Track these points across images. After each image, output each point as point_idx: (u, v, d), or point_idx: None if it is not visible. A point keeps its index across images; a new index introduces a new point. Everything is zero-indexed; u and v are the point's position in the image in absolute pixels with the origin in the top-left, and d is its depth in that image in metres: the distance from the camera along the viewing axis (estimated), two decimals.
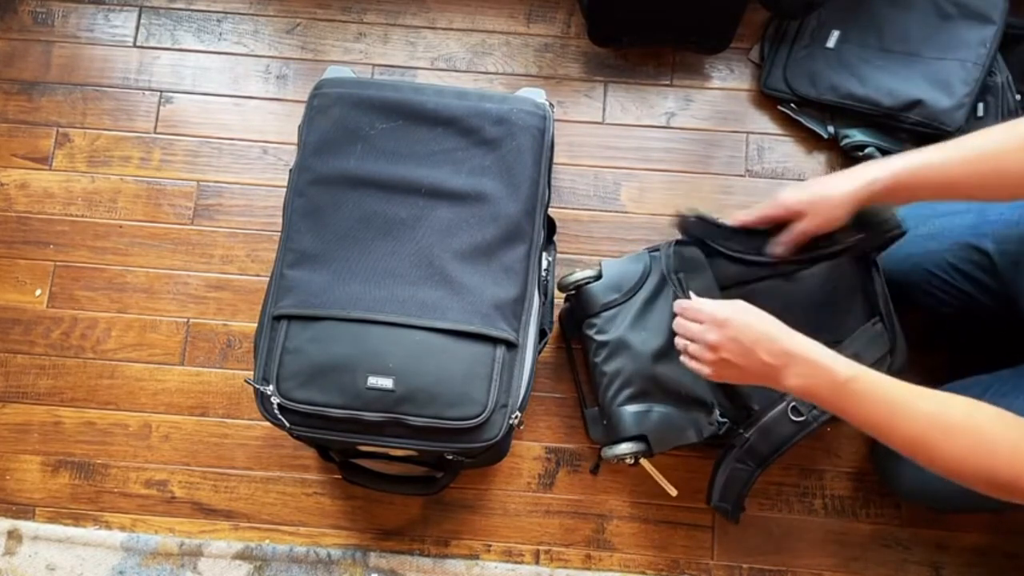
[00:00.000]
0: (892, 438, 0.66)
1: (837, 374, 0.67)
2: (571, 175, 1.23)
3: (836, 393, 0.67)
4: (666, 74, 1.27)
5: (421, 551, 1.10)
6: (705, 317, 0.75)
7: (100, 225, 1.21)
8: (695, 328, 0.76)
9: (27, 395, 1.16)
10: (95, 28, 1.29)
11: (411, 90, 0.93)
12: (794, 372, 0.69)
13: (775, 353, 0.70)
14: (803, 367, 0.69)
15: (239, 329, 1.17)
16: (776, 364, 0.70)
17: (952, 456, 0.64)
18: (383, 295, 0.85)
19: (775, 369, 0.70)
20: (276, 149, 1.24)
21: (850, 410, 0.68)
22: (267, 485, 1.12)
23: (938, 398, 0.66)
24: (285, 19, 1.29)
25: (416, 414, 0.82)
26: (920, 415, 0.65)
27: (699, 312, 0.76)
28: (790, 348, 0.70)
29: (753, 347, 0.71)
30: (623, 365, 1.00)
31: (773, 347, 0.70)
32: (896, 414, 0.65)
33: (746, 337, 0.71)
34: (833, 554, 1.10)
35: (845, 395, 0.67)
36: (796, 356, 0.69)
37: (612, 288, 1.03)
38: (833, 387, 0.67)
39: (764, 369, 0.71)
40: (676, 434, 0.97)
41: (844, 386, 0.67)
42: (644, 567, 1.10)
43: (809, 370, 0.69)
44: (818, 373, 0.68)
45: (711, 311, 0.74)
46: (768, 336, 0.71)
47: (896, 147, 1.18)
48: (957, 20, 1.16)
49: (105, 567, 1.09)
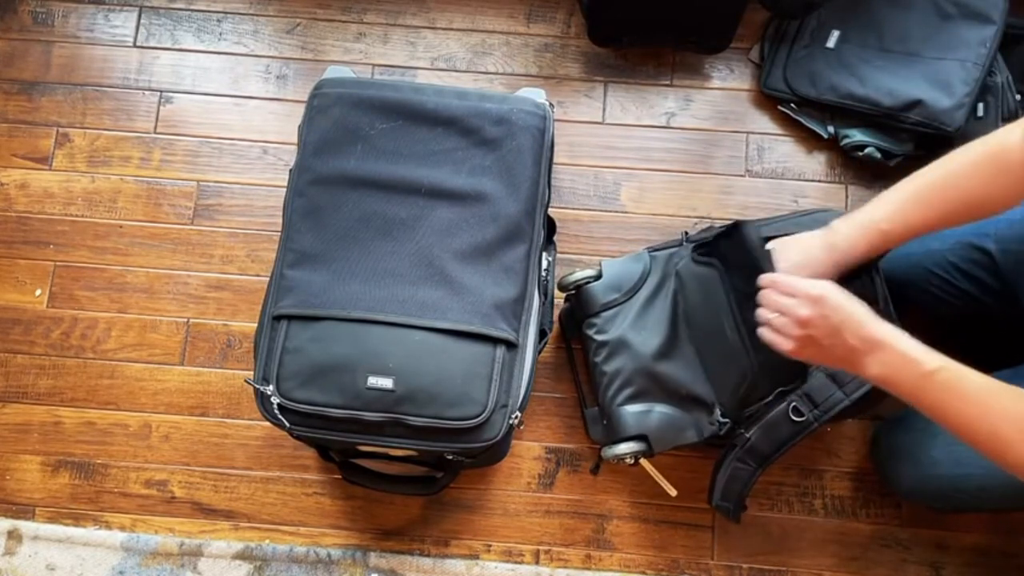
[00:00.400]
0: (968, 433, 0.66)
1: (923, 365, 0.66)
2: (571, 175, 1.23)
3: (918, 385, 0.67)
4: (666, 74, 1.27)
5: (421, 551, 1.10)
6: (799, 292, 0.73)
7: (100, 225, 1.21)
8: (787, 302, 0.74)
9: (27, 395, 1.16)
10: (95, 28, 1.29)
11: (411, 90, 0.93)
12: (878, 359, 0.69)
13: (863, 338, 0.69)
14: (889, 355, 0.68)
15: (239, 329, 1.17)
16: (862, 348, 0.69)
17: None
18: (383, 295, 0.85)
19: (859, 353, 0.70)
20: (276, 149, 1.24)
21: (929, 402, 0.67)
22: (267, 485, 1.12)
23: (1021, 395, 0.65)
24: (285, 19, 1.29)
25: (416, 414, 0.82)
26: (1000, 413, 0.64)
27: (792, 286, 0.74)
28: (879, 335, 0.69)
29: (841, 327, 0.70)
30: (623, 365, 1.00)
31: (862, 331, 0.69)
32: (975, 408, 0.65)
33: (837, 316, 0.70)
34: (833, 554, 1.10)
35: (927, 387, 0.67)
36: (884, 344, 0.68)
37: (612, 288, 1.03)
38: (917, 378, 0.67)
39: (847, 352, 0.71)
40: (676, 434, 0.97)
41: (928, 378, 0.66)
42: (644, 567, 1.10)
43: (895, 359, 0.68)
44: (904, 363, 0.68)
45: (806, 286, 0.73)
46: (859, 319, 0.70)
47: (896, 147, 1.18)
48: (957, 20, 1.16)
49: (105, 567, 1.09)
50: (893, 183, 1.20)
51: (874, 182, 1.22)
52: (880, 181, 1.22)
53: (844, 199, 1.22)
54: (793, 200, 1.22)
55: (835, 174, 1.23)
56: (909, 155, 1.18)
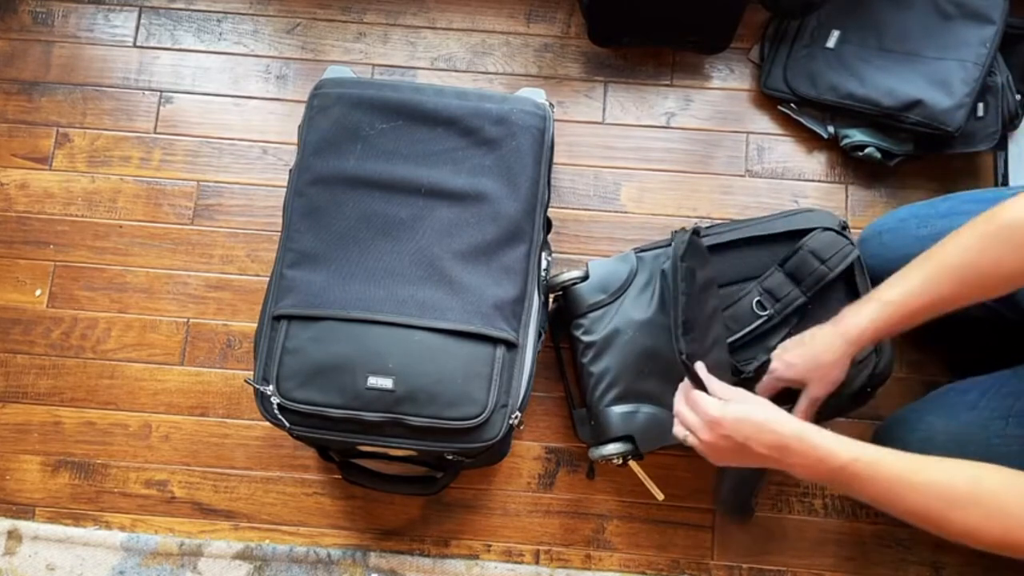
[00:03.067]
0: (901, 514, 0.67)
1: (833, 460, 0.67)
2: (571, 175, 1.23)
3: (836, 478, 0.68)
4: (666, 74, 1.27)
5: (421, 551, 1.10)
6: (700, 411, 0.74)
7: (100, 225, 1.21)
8: (691, 420, 0.76)
9: (27, 395, 1.16)
10: (95, 28, 1.29)
11: (411, 90, 0.93)
12: (793, 461, 0.70)
13: (770, 445, 0.70)
14: (799, 457, 0.69)
15: (239, 329, 1.17)
16: (773, 456, 0.70)
17: (965, 526, 0.63)
18: (383, 295, 0.85)
19: (773, 459, 0.71)
20: (276, 149, 1.24)
21: (854, 492, 0.68)
22: (267, 485, 1.12)
23: (942, 468, 0.66)
24: (285, 19, 1.29)
25: (416, 414, 0.82)
26: (923, 490, 0.65)
27: (695, 403, 0.75)
28: (784, 440, 0.69)
29: (746, 443, 0.71)
30: (610, 365, 1.00)
31: (767, 440, 0.70)
32: (899, 492, 0.66)
33: (738, 435, 0.71)
34: (833, 554, 1.10)
35: (845, 479, 0.67)
36: (791, 447, 0.69)
37: (599, 289, 1.03)
38: (831, 473, 0.68)
39: (762, 460, 0.72)
40: (663, 434, 0.97)
41: (842, 471, 0.67)
42: (644, 567, 1.10)
43: (805, 459, 0.69)
44: (816, 461, 0.68)
45: (704, 409, 0.74)
46: (761, 430, 0.70)
47: (896, 147, 1.17)
48: (957, 20, 1.16)
49: (105, 567, 1.09)
50: (893, 183, 1.22)
51: (874, 182, 1.22)
52: (880, 181, 1.22)
53: (844, 199, 1.22)
54: (793, 200, 1.22)
55: (835, 174, 1.23)
56: (909, 155, 1.18)
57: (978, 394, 0.90)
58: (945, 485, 0.65)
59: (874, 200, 1.22)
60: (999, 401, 0.87)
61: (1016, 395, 0.87)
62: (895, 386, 1.12)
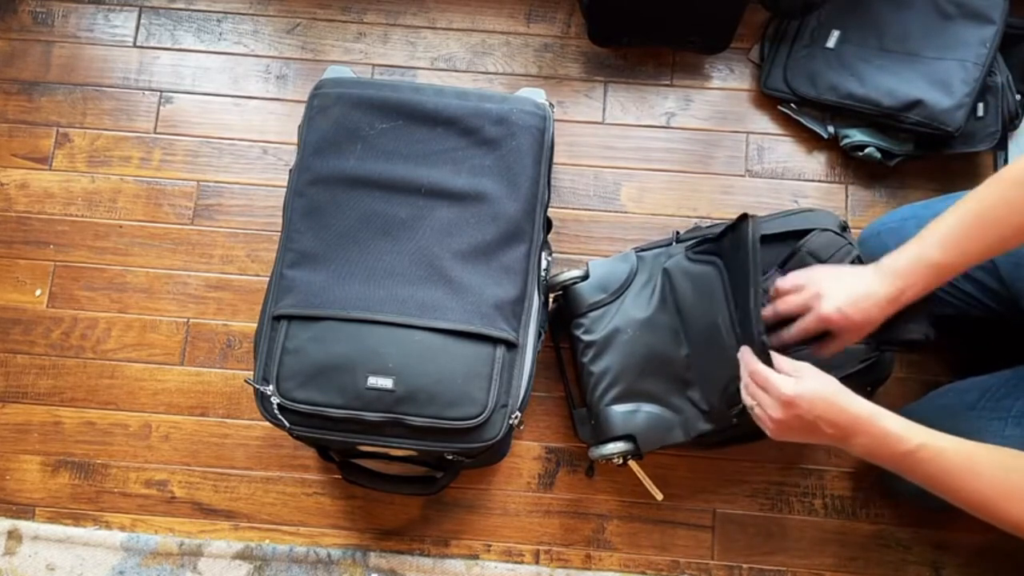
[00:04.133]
0: (958, 502, 0.69)
1: (900, 445, 0.69)
2: (571, 175, 1.23)
3: (899, 462, 0.70)
4: (666, 74, 1.27)
5: (421, 551, 1.10)
6: (772, 390, 0.75)
7: (100, 225, 1.21)
8: (762, 397, 0.76)
9: (27, 395, 1.16)
10: (95, 28, 1.29)
11: (411, 90, 0.93)
12: (858, 442, 0.71)
13: (840, 425, 0.71)
14: (867, 438, 0.71)
15: (239, 329, 1.17)
16: (840, 435, 0.72)
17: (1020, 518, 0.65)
18: (383, 295, 0.85)
19: (838, 439, 0.72)
20: (276, 149, 1.24)
21: (914, 477, 0.70)
22: (267, 485, 1.12)
23: (1003, 460, 0.67)
24: (285, 19, 1.29)
25: (416, 414, 0.82)
26: (984, 482, 0.67)
27: (767, 382, 0.76)
28: (853, 421, 0.71)
29: (816, 422, 0.72)
30: (610, 365, 1.00)
31: (839, 419, 0.71)
32: (959, 482, 0.68)
33: (810, 415, 0.72)
34: (833, 554, 1.10)
35: (909, 464, 0.69)
36: (859, 428, 0.71)
37: (599, 288, 1.03)
38: (895, 456, 0.69)
39: (827, 439, 0.73)
40: (663, 434, 0.97)
41: (908, 456, 0.69)
42: (644, 567, 1.10)
43: (873, 441, 0.70)
44: (882, 444, 0.70)
45: (778, 386, 0.74)
46: (831, 409, 0.72)
47: (896, 147, 1.18)
48: (957, 20, 1.16)
49: (105, 567, 1.09)
50: (893, 183, 1.22)
51: (874, 182, 1.22)
52: (880, 181, 1.22)
53: (844, 199, 1.22)
54: (793, 200, 1.22)
55: (835, 174, 1.23)
56: (909, 155, 1.18)
57: (978, 394, 0.90)
58: (1004, 480, 0.66)
59: (874, 200, 1.22)
60: (999, 401, 0.88)
61: (1016, 395, 0.87)
62: (895, 386, 1.12)
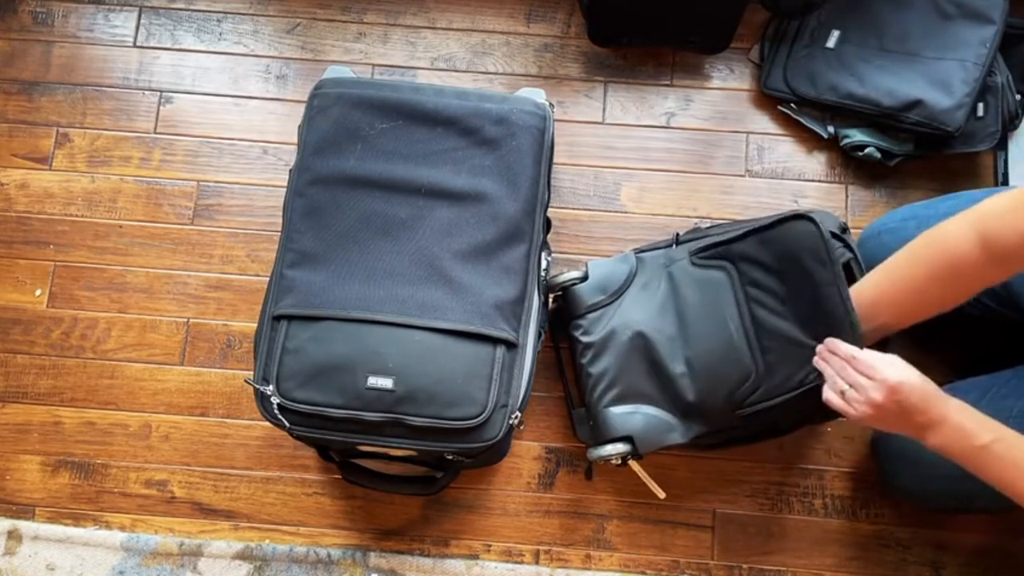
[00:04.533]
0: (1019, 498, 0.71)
1: (976, 439, 0.71)
2: (571, 175, 1.23)
3: (972, 456, 0.72)
4: (666, 74, 1.27)
5: (421, 551, 1.10)
6: (878, 376, 0.75)
7: (100, 225, 1.21)
8: (863, 382, 0.76)
9: (27, 395, 1.16)
10: (95, 28, 1.29)
11: (411, 90, 0.93)
12: (937, 433, 0.73)
13: (929, 415, 0.73)
14: (946, 430, 0.73)
15: (239, 329, 1.17)
16: (924, 425, 0.74)
17: None
18: (383, 295, 0.85)
19: (920, 428, 0.74)
20: (276, 149, 1.24)
21: (984, 471, 0.72)
22: (267, 485, 1.12)
23: None
24: (285, 19, 1.29)
25: (416, 414, 0.82)
26: None
27: (872, 367, 0.76)
28: (943, 415, 0.73)
29: (911, 409, 0.74)
30: (608, 366, 1.00)
31: (930, 413, 0.73)
32: None
33: (907, 401, 0.73)
34: (833, 554, 1.10)
35: (983, 459, 0.71)
36: (946, 422, 0.73)
37: (598, 289, 1.02)
38: (969, 450, 0.72)
39: (911, 428, 0.75)
40: (662, 435, 0.97)
41: (982, 450, 0.71)
42: (644, 567, 1.10)
43: (951, 433, 0.73)
44: (960, 437, 0.72)
45: (885, 372, 0.75)
46: (927, 399, 0.74)
47: (896, 147, 1.18)
48: (957, 20, 1.16)
49: (105, 567, 1.09)
50: (893, 183, 1.22)
51: (874, 182, 1.22)
52: (880, 181, 1.22)
53: (844, 199, 1.22)
54: (793, 200, 1.22)
55: (835, 174, 1.23)
56: (909, 155, 1.18)
57: (978, 394, 0.90)
58: None
59: (874, 200, 1.22)
60: (999, 401, 0.88)
61: (1016, 395, 0.87)
62: None
